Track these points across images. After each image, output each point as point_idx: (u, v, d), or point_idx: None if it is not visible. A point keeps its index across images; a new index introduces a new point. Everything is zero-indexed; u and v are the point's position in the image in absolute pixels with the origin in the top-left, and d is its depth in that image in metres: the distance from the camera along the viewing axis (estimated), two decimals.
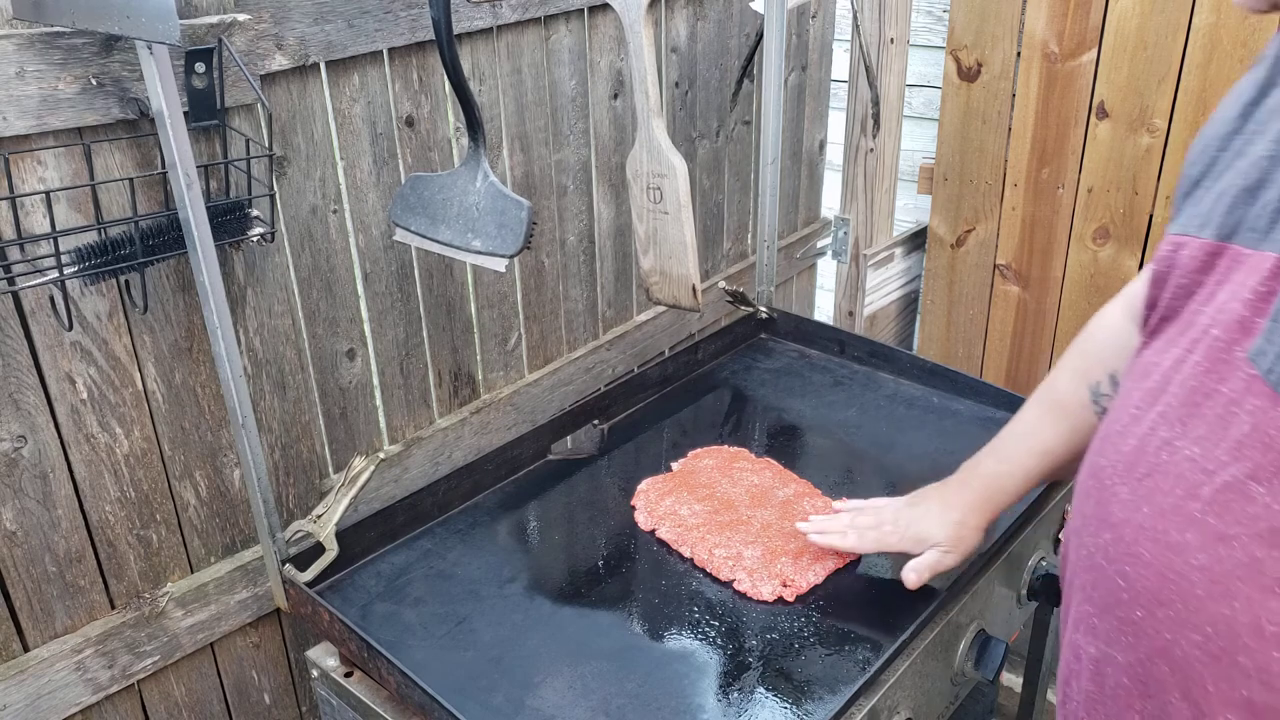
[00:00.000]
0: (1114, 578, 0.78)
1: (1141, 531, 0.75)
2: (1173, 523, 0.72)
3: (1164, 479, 0.74)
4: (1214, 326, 0.73)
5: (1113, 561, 0.78)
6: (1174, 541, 0.72)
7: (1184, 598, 0.71)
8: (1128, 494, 0.77)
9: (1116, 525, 0.78)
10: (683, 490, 1.37)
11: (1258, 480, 0.68)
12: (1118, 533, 0.78)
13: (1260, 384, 0.68)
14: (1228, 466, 0.70)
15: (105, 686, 1.23)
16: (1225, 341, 0.71)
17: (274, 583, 1.21)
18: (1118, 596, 0.78)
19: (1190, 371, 0.74)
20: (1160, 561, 0.73)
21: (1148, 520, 0.75)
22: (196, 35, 1.09)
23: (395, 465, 1.54)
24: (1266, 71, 0.79)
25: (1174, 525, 0.72)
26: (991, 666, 1.21)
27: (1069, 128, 2.02)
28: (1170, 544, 0.72)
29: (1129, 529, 0.76)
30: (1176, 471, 0.73)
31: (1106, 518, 0.79)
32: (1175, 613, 0.72)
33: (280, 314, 1.31)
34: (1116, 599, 0.78)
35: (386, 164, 1.43)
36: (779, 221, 1.85)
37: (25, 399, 1.10)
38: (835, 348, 1.75)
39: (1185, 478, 0.72)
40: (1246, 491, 0.69)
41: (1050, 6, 1.97)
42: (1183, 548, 0.72)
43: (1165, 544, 0.73)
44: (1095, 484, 0.82)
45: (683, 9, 1.88)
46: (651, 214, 1.50)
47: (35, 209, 1.04)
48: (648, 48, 1.38)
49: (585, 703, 1.04)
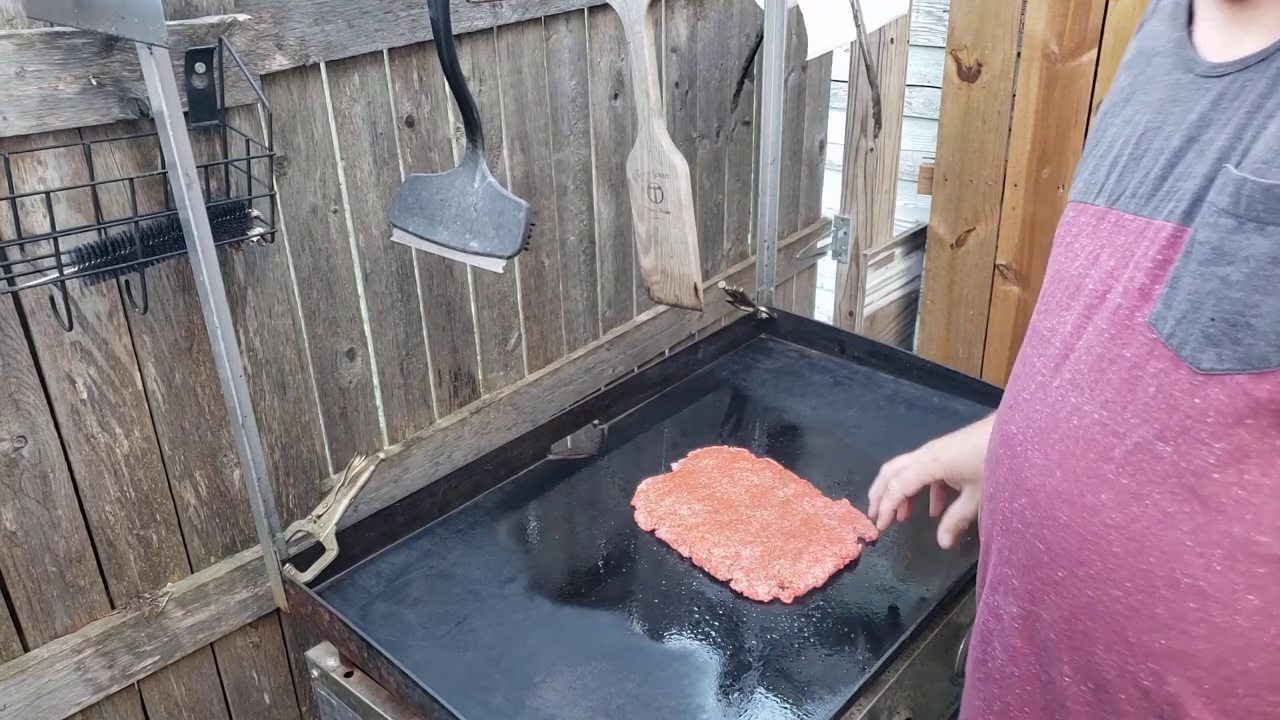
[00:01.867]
0: (1033, 541, 0.81)
1: (1057, 495, 0.78)
2: (1087, 485, 0.76)
3: (1076, 444, 0.77)
4: (1110, 292, 0.76)
5: (1030, 525, 0.81)
6: (1090, 503, 0.75)
7: (1103, 556, 0.75)
8: (1041, 459, 0.80)
9: (1031, 490, 0.81)
10: (683, 490, 1.37)
11: (1164, 440, 0.71)
12: (1033, 498, 0.80)
13: (1161, 348, 0.71)
14: (1136, 429, 0.73)
15: (105, 686, 1.23)
16: (1127, 308, 0.74)
17: (274, 583, 1.21)
18: (1038, 559, 0.81)
19: (1094, 339, 0.77)
20: (1078, 523, 0.76)
21: (1062, 485, 0.78)
22: (196, 35, 1.09)
23: (395, 465, 1.54)
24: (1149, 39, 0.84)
25: (1089, 488, 0.76)
26: None
27: (1069, 128, 2.02)
28: (1086, 506, 0.76)
29: (1044, 493, 0.79)
30: (1088, 436, 0.76)
31: (1021, 483, 0.82)
32: (1095, 571, 0.76)
33: (280, 314, 1.31)
34: (1037, 560, 0.81)
35: (386, 164, 1.43)
36: (779, 221, 1.84)
37: (25, 399, 1.10)
38: (835, 348, 1.75)
39: (1097, 441, 0.75)
40: (1155, 451, 0.72)
41: (1050, 6, 1.97)
42: (1098, 509, 0.75)
43: (1081, 506, 0.76)
44: (1007, 451, 0.85)
45: (683, 9, 1.87)
46: (652, 214, 1.50)
47: (35, 209, 1.04)
48: (648, 48, 1.38)
49: (585, 703, 1.04)
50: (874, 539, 1.27)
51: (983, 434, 1.10)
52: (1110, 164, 0.81)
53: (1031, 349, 0.85)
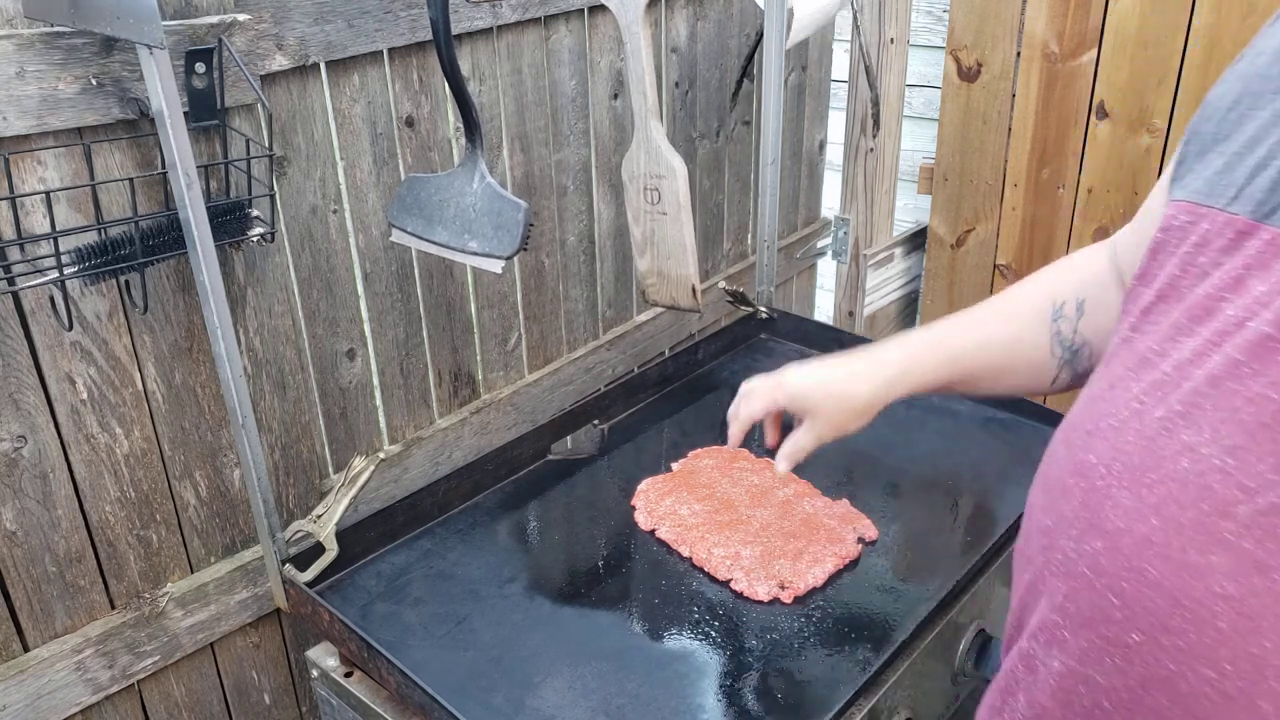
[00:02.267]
0: (1104, 592, 0.69)
1: (1148, 545, 0.66)
2: (1194, 542, 0.63)
3: (1184, 490, 0.64)
4: (1253, 320, 0.63)
5: (1103, 574, 0.69)
6: (1194, 563, 0.63)
7: (1200, 628, 0.63)
8: (1130, 500, 0.67)
9: (1112, 534, 0.68)
10: (683, 490, 1.37)
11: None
12: (1113, 542, 0.68)
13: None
14: (1275, 486, 0.60)
15: (105, 686, 1.23)
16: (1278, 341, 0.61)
17: (274, 583, 1.21)
18: (1107, 614, 0.69)
19: (1223, 370, 0.64)
20: (1173, 583, 0.64)
21: (1158, 534, 0.65)
22: (196, 35, 1.09)
23: (395, 465, 1.54)
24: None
25: (1196, 545, 0.63)
26: (991, 666, 1.21)
27: (1069, 128, 2.02)
28: (1189, 565, 0.63)
29: (1129, 540, 0.67)
30: (1202, 483, 0.63)
31: (1098, 523, 0.70)
32: (1186, 643, 0.64)
33: (280, 314, 1.31)
34: (1105, 616, 0.69)
35: (386, 164, 1.43)
36: (779, 221, 1.84)
37: (25, 399, 1.10)
38: (835, 348, 1.74)
39: (1214, 492, 0.62)
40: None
41: (1050, 6, 1.97)
42: (1205, 571, 0.62)
43: (1182, 564, 0.64)
44: (1081, 482, 0.72)
45: (683, 9, 1.88)
46: (648, 215, 1.49)
47: (35, 209, 1.04)
48: (646, 48, 1.38)
49: (585, 703, 1.04)
50: (874, 539, 1.27)
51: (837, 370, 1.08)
52: (1255, 166, 0.67)
53: (1123, 368, 0.72)
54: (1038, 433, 1.46)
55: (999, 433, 1.50)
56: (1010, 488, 1.36)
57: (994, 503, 1.35)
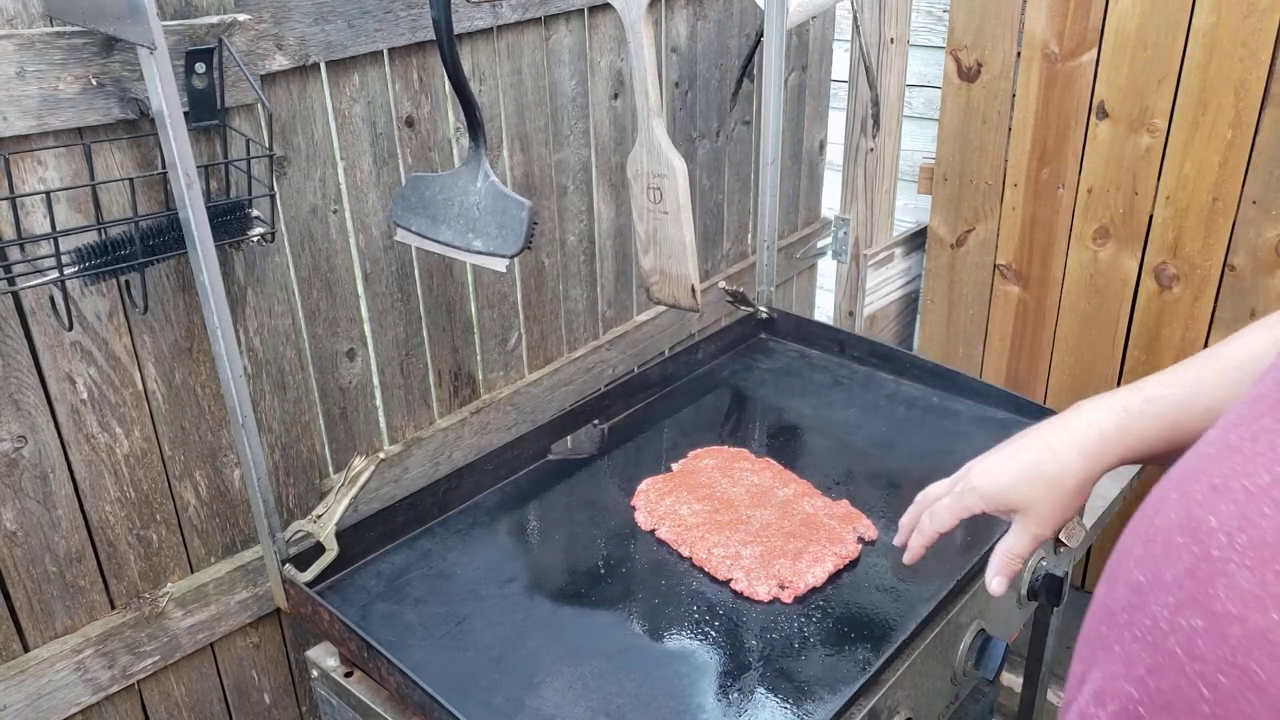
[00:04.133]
0: (1194, 680, 0.60)
1: (1262, 642, 0.56)
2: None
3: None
4: None
5: (1197, 659, 0.60)
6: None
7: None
8: (1251, 584, 0.58)
9: (1219, 617, 0.59)
10: (683, 490, 1.37)
11: None
12: (1219, 627, 0.59)
13: None
14: None
15: (105, 687, 1.23)
16: None
17: (274, 583, 1.21)
18: (1193, 705, 0.60)
19: None
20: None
21: (1275, 631, 0.56)
22: (196, 35, 1.09)
23: (395, 465, 1.54)
24: None
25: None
26: (991, 666, 1.21)
27: (1069, 128, 2.02)
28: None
29: (1238, 630, 0.58)
30: None
31: (1204, 600, 0.60)
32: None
33: (280, 314, 1.31)
34: (1190, 707, 0.60)
35: (386, 164, 1.43)
36: (779, 221, 1.84)
37: (25, 399, 1.10)
38: (835, 348, 1.75)
39: None
40: None
41: (1050, 6, 1.97)
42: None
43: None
44: (1193, 545, 0.62)
45: (683, 9, 1.87)
46: (651, 214, 1.50)
47: (35, 209, 1.04)
48: (648, 48, 1.38)
49: (585, 703, 1.04)
50: (874, 539, 1.27)
51: (1031, 451, 0.90)
52: None
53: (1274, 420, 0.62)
54: None
55: (999, 433, 1.50)
56: None
57: None
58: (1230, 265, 1.88)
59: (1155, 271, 1.98)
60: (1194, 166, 1.86)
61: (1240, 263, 1.86)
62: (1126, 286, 2.02)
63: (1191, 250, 1.91)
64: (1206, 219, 1.88)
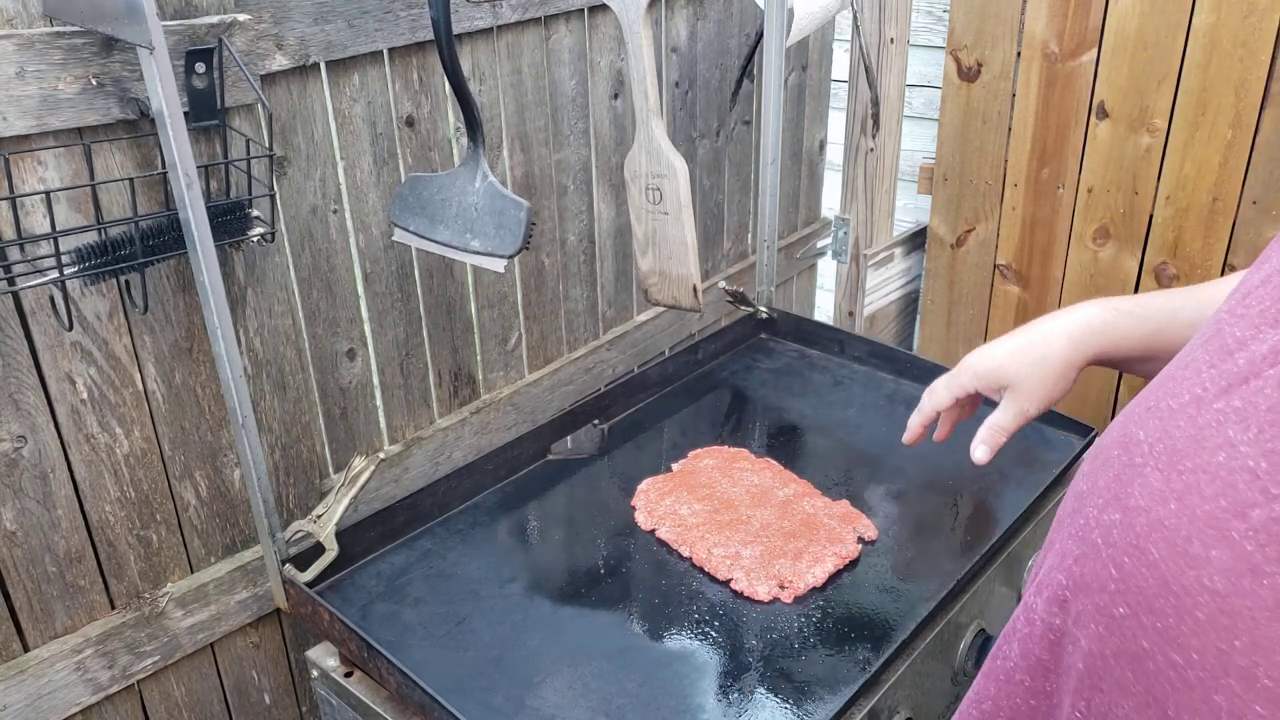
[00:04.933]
0: (1106, 563, 0.70)
1: (1158, 528, 0.67)
2: (1199, 532, 0.64)
3: (1210, 482, 0.64)
4: None
5: (1111, 545, 0.70)
6: (1193, 553, 0.64)
7: (1179, 614, 0.64)
8: (1159, 482, 0.68)
9: (1131, 510, 0.69)
10: (683, 490, 1.37)
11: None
12: (1129, 518, 0.69)
13: None
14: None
15: (105, 687, 1.23)
16: None
17: (274, 583, 1.21)
18: (1103, 584, 0.70)
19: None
20: (1167, 567, 0.65)
21: (1170, 518, 0.66)
22: (196, 35, 1.09)
23: (395, 465, 1.54)
24: None
25: (1200, 535, 0.64)
26: None
27: (1069, 128, 2.02)
28: (1187, 554, 0.64)
29: (1143, 519, 0.68)
30: (1229, 479, 0.63)
31: (1122, 497, 0.70)
32: (1164, 626, 0.65)
33: (280, 314, 1.31)
34: (1101, 585, 0.70)
35: (386, 164, 1.43)
36: (779, 221, 1.84)
37: (25, 399, 1.10)
38: (835, 348, 1.75)
39: (1237, 490, 0.63)
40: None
41: (1050, 6, 1.97)
42: (1201, 563, 0.63)
43: (1181, 551, 0.64)
44: (1123, 455, 0.72)
45: (683, 9, 1.88)
46: (650, 215, 1.49)
47: (35, 209, 1.04)
48: (647, 48, 1.38)
49: (585, 703, 1.04)
50: (874, 539, 1.27)
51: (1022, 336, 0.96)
52: None
53: (1204, 352, 0.71)
54: (1038, 432, 1.46)
55: None
56: (1010, 488, 1.36)
57: (994, 503, 1.35)
58: (1230, 265, 1.88)
59: (1155, 271, 1.98)
60: (1194, 166, 1.86)
61: (1240, 263, 1.86)
62: (1126, 286, 2.02)
63: (1191, 250, 1.91)
64: (1206, 219, 1.88)
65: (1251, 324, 0.68)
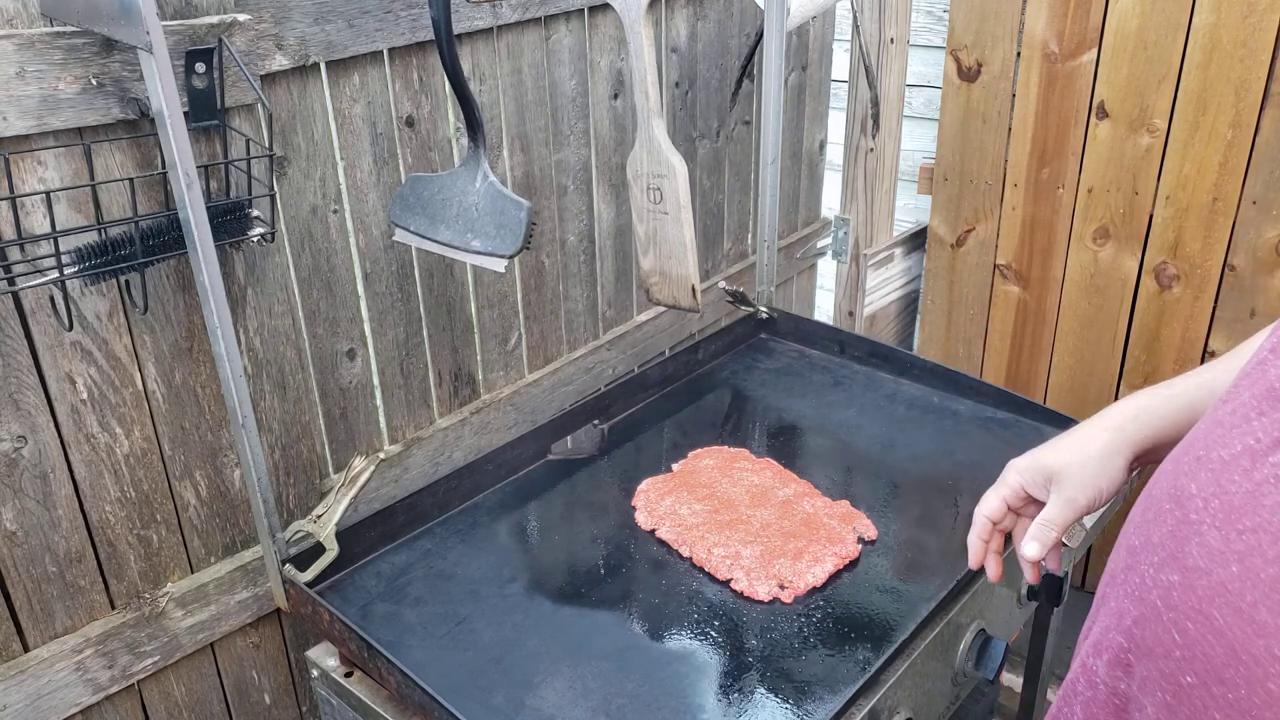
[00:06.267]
0: (1169, 627, 0.67)
1: (1221, 592, 0.63)
2: (1265, 598, 0.61)
3: (1273, 543, 0.62)
4: None
5: (1172, 609, 0.67)
6: (1261, 621, 0.61)
7: (1253, 686, 0.61)
8: (1218, 541, 0.65)
9: (1190, 571, 0.66)
10: (683, 490, 1.37)
11: None
12: (1190, 580, 0.66)
13: None
14: None
15: (105, 687, 1.23)
16: None
17: (274, 583, 1.21)
18: (1167, 650, 0.67)
19: None
20: (1235, 635, 0.62)
21: (1234, 581, 0.63)
22: (196, 35, 1.09)
23: (395, 465, 1.54)
24: None
25: (1266, 602, 0.61)
26: (991, 666, 1.21)
27: (1069, 128, 2.02)
28: (1255, 621, 0.61)
29: (1204, 582, 0.65)
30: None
31: (1180, 556, 0.67)
32: (1237, 697, 0.62)
33: (280, 314, 1.31)
34: (1165, 651, 0.67)
35: (386, 164, 1.43)
36: (779, 221, 1.84)
37: (25, 399, 1.10)
38: (835, 348, 1.75)
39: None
40: None
41: (1050, 6, 1.97)
42: (1270, 631, 0.60)
43: (1249, 618, 0.61)
44: (1176, 510, 0.70)
45: (683, 9, 1.87)
46: (651, 214, 1.50)
47: (35, 209, 1.04)
48: (648, 48, 1.38)
49: (585, 703, 1.04)
50: (874, 539, 1.27)
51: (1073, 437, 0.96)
52: None
53: (1251, 397, 0.68)
54: (1038, 432, 1.46)
55: (999, 433, 1.50)
56: None
57: None
58: (1230, 265, 1.88)
59: (1155, 271, 1.98)
60: (1194, 166, 1.86)
61: (1240, 263, 1.86)
62: (1126, 287, 2.02)
63: (1191, 250, 1.91)
64: (1206, 219, 1.88)
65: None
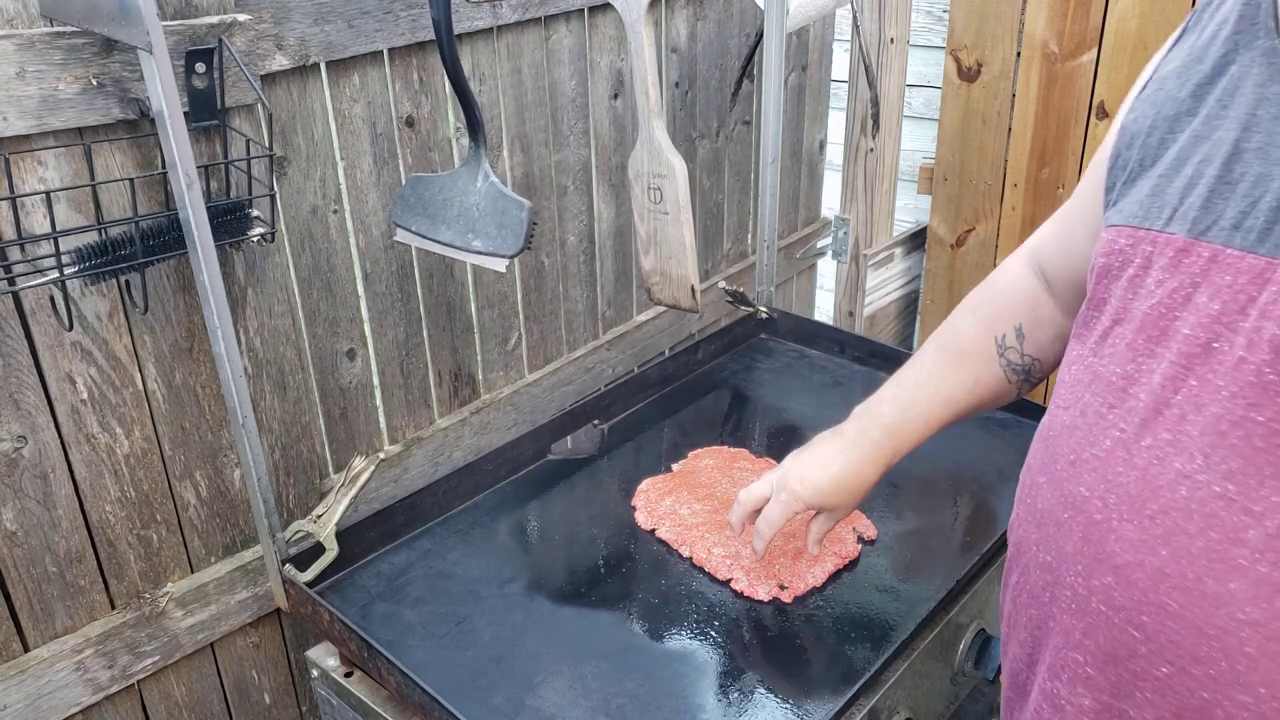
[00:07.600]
0: (1124, 627, 0.68)
1: (1163, 578, 0.65)
2: (1209, 570, 0.63)
3: (1188, 519, 0.64)
4: (1217, 341, 0.64)
5: (1120, 610, 0.68)
6: (1213, 592, 0.63)
7: (1230, 656, 0.63)
8: (1135, 533, 0.67)
9: (1122, 568, 0.68)
10: (683, 490, 1.37)
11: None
12: (1125, 576, 0.68)
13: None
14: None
15: (105, 686, 1.23)
16: (1255, 364, 0.62)
17: (274, 583, 1.21)
18: (1131, 649, 0.68)
19: (1205, 396, 0.64)
20: (1195, 614, 0.64)
21: (1171, 566, 0.65)
22: (197, 35, 1.09)
23: (395, 465, 1.54)
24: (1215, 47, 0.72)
25: (1211, 574, 0.63)
26: (991, 666, 1.21)
27: (1069, 128, 2.02)
28: (1208, 595, 0.63)
29: (1142, 574, 0.66)
30: (1206, 511, 0.63)
31: (1105, 558, 0.69)
32: (1218, 671, 0.63)
33: (280, 314, 1.31)
34: (1129, 651, 0.68)
35: (386, 164, 1.43)
36: (779, 221, 1.84)
37: (25, 399, 1.10)
38: (835, 348, 1.75)
39: (1220, 519, 0.63)
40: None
41: (1050, 6, 1.97)
42: (1226, 599, 0.62)
43: (1200, 595, 0.63)
44: (1078, 516, 0.72)
45: (683, 9, 1.88)
46: (652, 214, 1.50)
47: (35, 209, 1.04)
48: (648, 48, 1.38)
49: (585, 703, 1.04)
50: (874, 539, 1.27)
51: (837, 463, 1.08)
52: (1184, 187, 0.69)
53: (1093, 395, 0.72)
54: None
55: (999, 433, 1.50)
56: (1010, 488, 1.35)
57: (994, 503, 1.35)
58: None
59: None
60: None
61: None
62: None
63: None
64: None
65: (1125, 359, 0.69)
